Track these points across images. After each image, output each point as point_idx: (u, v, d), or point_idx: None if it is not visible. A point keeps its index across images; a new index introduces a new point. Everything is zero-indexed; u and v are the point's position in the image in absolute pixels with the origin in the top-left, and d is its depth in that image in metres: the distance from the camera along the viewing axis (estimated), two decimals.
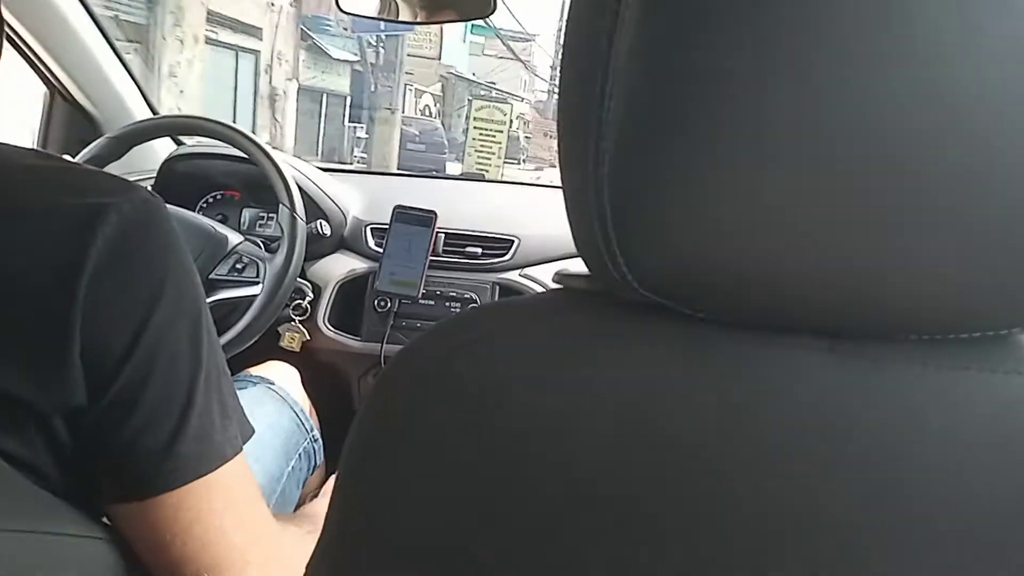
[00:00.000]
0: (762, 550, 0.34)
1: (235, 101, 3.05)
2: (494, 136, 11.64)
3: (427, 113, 21.45)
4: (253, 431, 0.67)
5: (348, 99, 16.84)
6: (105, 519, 0.63)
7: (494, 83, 24.75)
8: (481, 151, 11.55)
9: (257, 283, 1.26)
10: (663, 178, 0.32)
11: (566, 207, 0.37)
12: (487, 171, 11.07)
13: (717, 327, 0.36)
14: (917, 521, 0.33)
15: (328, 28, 15.27)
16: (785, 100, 0.30)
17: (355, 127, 16.60)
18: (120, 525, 0.61)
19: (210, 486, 0.60)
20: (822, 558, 0.33)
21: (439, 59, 20.64)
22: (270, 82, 12.79)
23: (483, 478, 0.36)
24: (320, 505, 1.02)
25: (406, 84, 20.61)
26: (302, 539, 0.71)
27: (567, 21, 0.36)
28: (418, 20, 1.18)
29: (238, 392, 0.67)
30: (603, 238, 0.34)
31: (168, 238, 0.61)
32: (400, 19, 1.22)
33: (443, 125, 20.69)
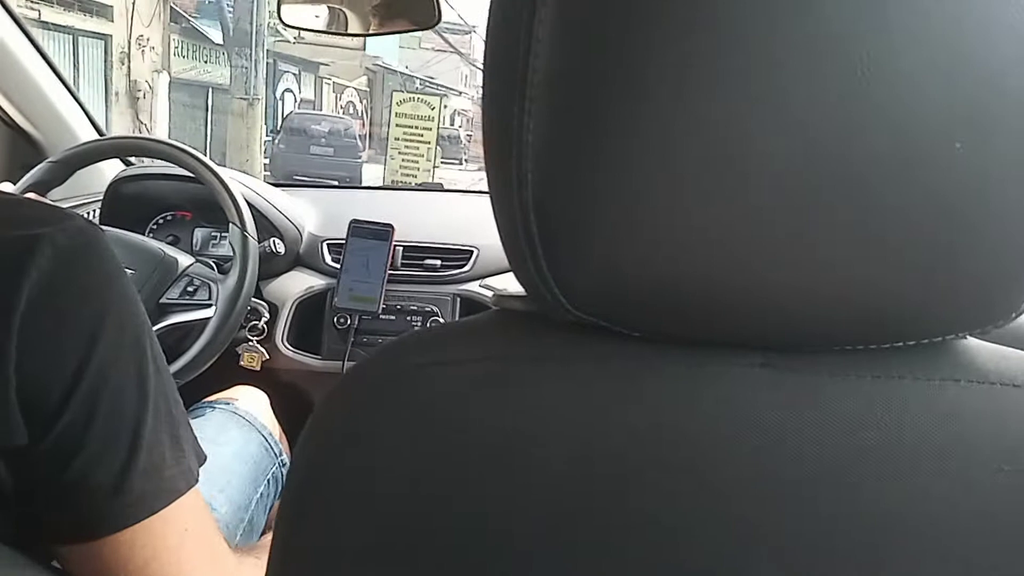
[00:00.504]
0: (707, 571, 0.33)
1: (75, 98, 2.35)
2: (421, 135, 9.37)
3: (351, 111, 18.77)
4: (205, 457, 0.65)
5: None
6: (54, 562, 0.60)
7: (433, 78, 23.05)
8: (406, 153, 9.40)
9: (210, 305, 1.23)
10: (586, 199, 0.32)
11: (498, 229, 0.36)
12: (414, 176, 9.15)
13: (652, 346, 0.35)
14: (859, 536, 0.33)
15: (211, 8, 11.77)
16: (704, 115, 0.29)
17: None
18: (71, 567, 0.58)
19: (165, 521, 0.58)
20: (766, 573, 0.33)
21: (363, 50, 17.83)
22: (128, 74, 10.43)
23: (424, 502, 0.35)
24: None
25: (322, 79, 18.39)
26: (260, 570, 0.69)
27: (485, 45, 0.35)
28: (365, 32, 1.17)
29: (202, 419, 0.65)
30: (532, 260, 0.34)
31: (107, 268, 0.59)
32: (348, 31, 1.20)
33: (371, 123, 18.39)
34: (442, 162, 19.70)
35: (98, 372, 0.56)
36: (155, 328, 1.16)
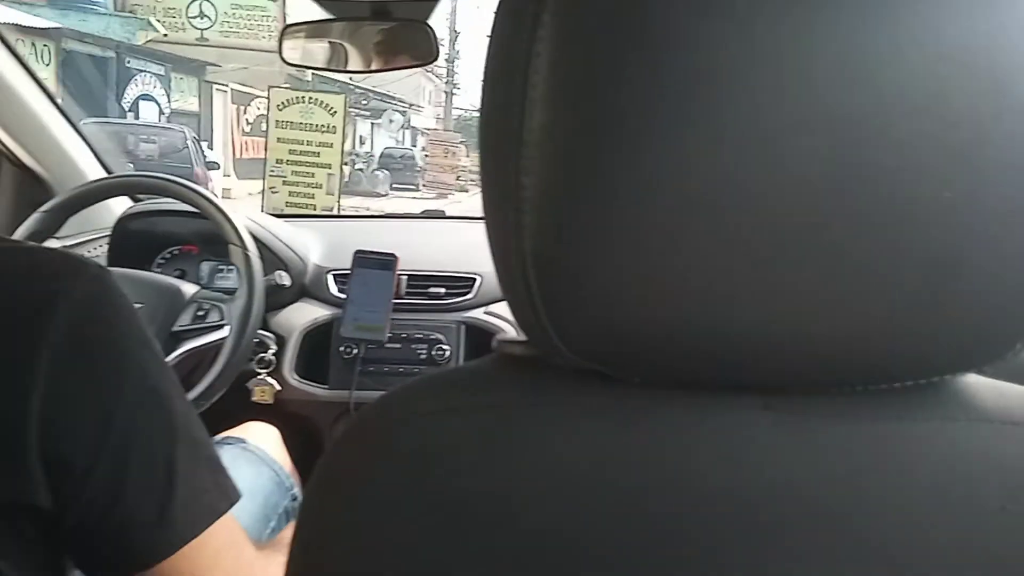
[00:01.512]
0: None
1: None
2: (317, 154, 6.37)
3: (261, 129, 11.89)
4: (238, 495, 0.67)
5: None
6: None
7: (389, 93, 21.03)
8: (294, 182, 6.39)
9: (223, 326, 1.24)
10: (583, 248, 0.32)
11: (497, 276, 0.37)
12: (312, 206, 6.37)
13: (652, 391, 0.36)
14: None
15: None
16: (699, 164, 0.30)
17: None
18: None
19: (204, 543, 0.61)
20: None
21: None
22: None
23: (427, 550, 0.35)
24: None
25: (213, 84, 14.51)
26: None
27: (481, 97, 0.36)
28: (367, 68, 1.19)
29: None
30: (532, 308, 0.34)
31: (123, 316, 0.60)
32: (348, 68, 1.23)
33: None
34: (394, 188, 17.77)
35: (126, 421, 0.57)
36: (173, 355, 1.19)
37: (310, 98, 6.62)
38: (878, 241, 0.30)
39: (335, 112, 6.50)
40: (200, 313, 1.25)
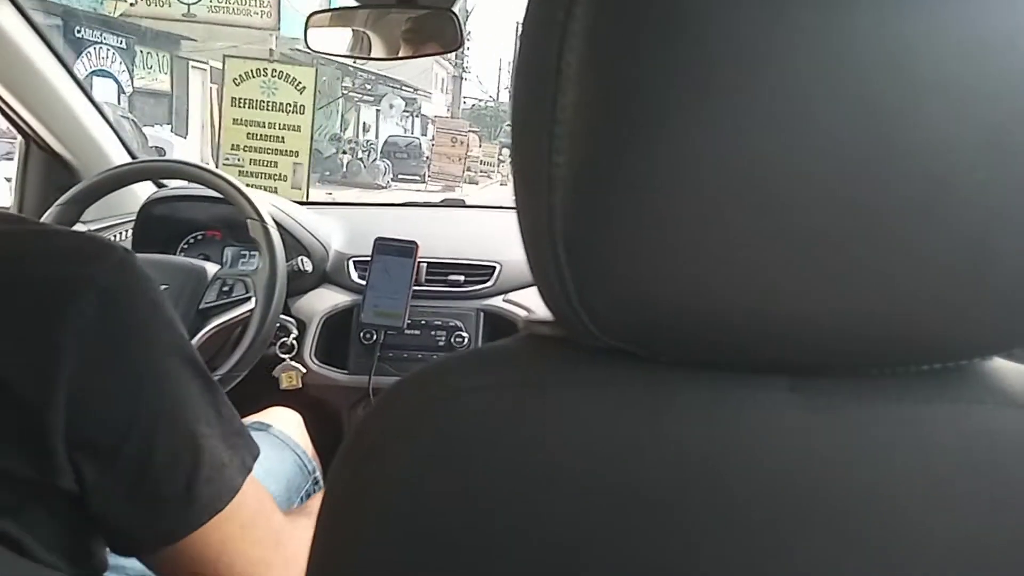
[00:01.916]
0: None
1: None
2: (281, 138, 5.00)
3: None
4: (258, 449, 0.68)
5: None
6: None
7: (396, 77, 18.71)
8: (256, 166, 4.99)
9: (249, 298, 1.26)
10: (614, 228, 0.32)
11: (525, 254, 0.37)
12: (274, 188, 4.83)
13: (680, 371, 0.36)
14: (892, 562, 0.33)
15: None
16: (732, 143, 0.30)
17: None
18: (160, 569, 0.64)
19: (231, 513, 0.63)
20: None
21: (277, 30, 11.25)
22: None
23: (460, 528, 0.36)
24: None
25: (190, 61, 12.96)
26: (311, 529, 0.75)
27: (513, 78, 0.36)
28: (387, 55, 1.20)
29: None
30: (561, 286, 0.34)
31: (149, 298, 0.60)
32: (371, 55, 1.23)
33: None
34: (398, 179, 16.10)
35: (151, 402, 0.58)
36: (202, 332, 1.20)
37: (273, 71, 5.12)
38: (911, 221, 0.30)
39: (304, 88, 5.05)
40: (225, 289, 1.27)
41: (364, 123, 20.09)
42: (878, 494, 0.33)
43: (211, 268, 1.30)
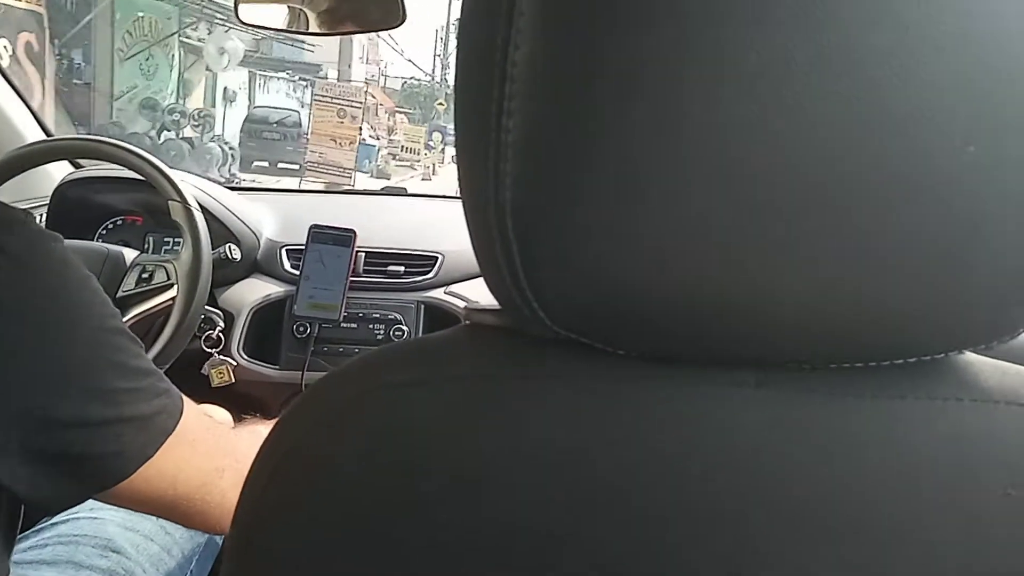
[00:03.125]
0: None
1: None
2: None
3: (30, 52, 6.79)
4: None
5: None
6: None
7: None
8: None
9: (171, 285, 1.18)
10: (570, 202, 0.29)
11: (470, 236, 0.34)
12: None
13: (637, 364, 0.33)
14: (863, 563, 0.31)
15: None
16: (702, 117, 0.27)
17: None
18: (117, 501, 0.65)
19: (176, 442, 0.64)
20: None
21: None
22: None
23: (388, 529, 0.33)
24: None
25: None
26: (253, 433, 0.79)
27: (458, 33, 0.33)
28: (325, 31, 1.13)
29: None
30: (509, 270, 0.32)
31: (56, 258, 0.59)
32: (308, 31, 1.16)
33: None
34: (255, 169, 11.24)
35: (75, 363, 0.58)
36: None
37: None
38: (891, 202, 0.28)
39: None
40: (145, 276, 1.19)
41: (227, 89, 13.19)
42: (848, 491, 0.32)
43: (129, 254, 1.22)
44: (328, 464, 0.34)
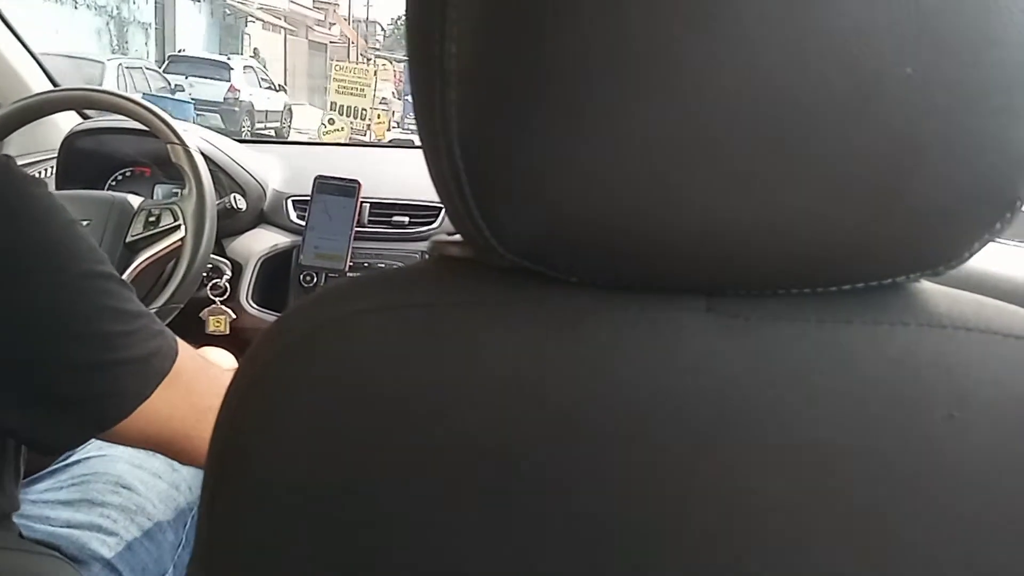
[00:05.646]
0: (650, 520, 0.32)
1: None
2: None
3: None
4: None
5: None
6: None
7: None
8: None
9: (178, 227, 1.19)
10: (515, 128, 0.30)
11: (427, 166, 0.34)
12: None
13: (591, 291, 0.34)
14: (811, 485, 0.32)
15: None
16: (651, 41, 0.27)
17: None
18: (114, 439, 0.66)
19: (172, 380, 0.65)
20: (713, 529, 0.32)
21: None
22: None
23: (352, 453, 0.34)
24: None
25: None
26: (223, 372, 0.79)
27: None
28: None
29: None
30: (462, 201, 0.32)
31: (36, 201, 0.59)
32: None
33: None
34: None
35: (62, 306, 0.58)
36: (132, 266, 1.15)
37: None
38: (833, 125, 0.28)
39: None
40: (152, 219, 1.20)
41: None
42: (797, 415, 0.32)
43: (135, 200, 1.23)
44: (294, 388, 0.35)
